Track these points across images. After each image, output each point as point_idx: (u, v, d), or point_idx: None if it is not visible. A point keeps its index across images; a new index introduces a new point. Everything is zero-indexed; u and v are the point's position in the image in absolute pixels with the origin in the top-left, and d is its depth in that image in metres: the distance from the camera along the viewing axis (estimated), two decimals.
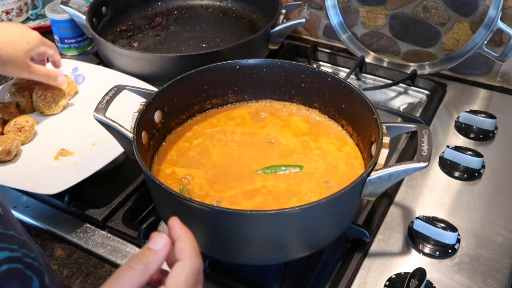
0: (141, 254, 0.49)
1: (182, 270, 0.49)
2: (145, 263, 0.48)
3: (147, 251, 0.49)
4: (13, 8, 1.33)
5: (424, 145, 0.68)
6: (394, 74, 1.14)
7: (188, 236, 0.52)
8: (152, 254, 0.49)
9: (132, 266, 0.47)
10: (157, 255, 0.49)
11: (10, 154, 0.89)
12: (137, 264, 0.48)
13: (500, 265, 0.75)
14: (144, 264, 0.48)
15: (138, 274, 0.47)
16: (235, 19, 1.31)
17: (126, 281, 0.46)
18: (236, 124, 0.87)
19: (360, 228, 0.76)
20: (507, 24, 1.01)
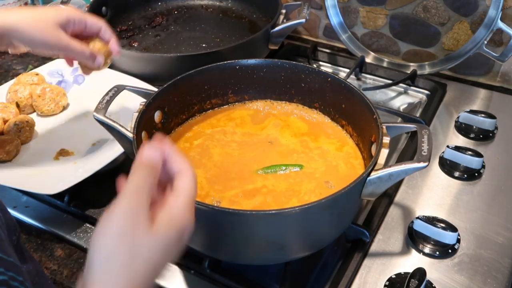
0: (140, 159, 0.48)
1: (191, 176, 0.48)
2: (150, 163, 0.48)
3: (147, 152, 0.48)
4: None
5: (424, 145, 0.68)
6: (394, 74, 1.14)
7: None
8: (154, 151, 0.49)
9: (140, 170, 0.47)
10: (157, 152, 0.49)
11: (10, 154, 0.89)
12: (144, 167, 0.47)
13: (500, 265, 0.75)
14: (149, 164, 0.48)
15: (148, 175, 0.47)
16: (235, 19, 1.31)
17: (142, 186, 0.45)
18: (236, 124, 0.87)
19: (360, 228, 0.76)
20: (507, 24, 1.01)
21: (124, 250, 0.42)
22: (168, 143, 0.51)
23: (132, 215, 0.43)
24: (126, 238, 0.42)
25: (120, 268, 0.41)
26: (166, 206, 0.46)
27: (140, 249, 0.42)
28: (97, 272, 0.41)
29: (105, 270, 0.41)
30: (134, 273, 0.42)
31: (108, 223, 0.42)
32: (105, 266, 0.41)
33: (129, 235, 0.42)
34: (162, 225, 0.44)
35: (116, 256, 0.41)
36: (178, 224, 0.45)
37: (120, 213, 0.43)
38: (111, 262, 0.41)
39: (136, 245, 0.42)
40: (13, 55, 1.27)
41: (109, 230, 0.42)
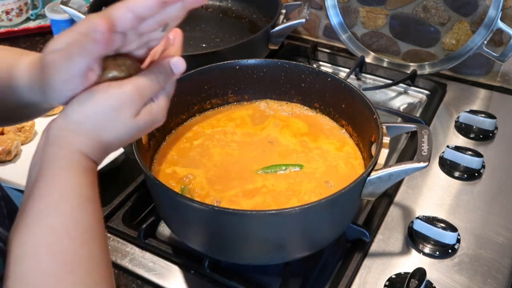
0: (163, 69, 0.51)
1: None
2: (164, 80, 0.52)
3: (169, 70, 0.52)
4: (13, 8, 1.33)
5: (424, 145, 0.68)
6: (394, 74, 1.14)
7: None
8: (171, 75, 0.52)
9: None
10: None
11: (10, 154, 0.89)
12: (160, 79, 0.51)
13: (500, 265, 0.75)
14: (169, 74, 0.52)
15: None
16: (235, 19, 1.31)
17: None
18: (236, 125, 0.87)
19: (360, 228, 0.76)
20: (507, 24, 1.01)
21: (104, 118, 0.48)
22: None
23: (130, 102, 0.48)
24: (112, 113, 0.47)
25: (95, 128, 0.48)
26: (149, 104, 0.50)
27: (117, 127, 0.48)
28: (73, 121, 0.47)
29: (83, 123, 0.47)
30: (103, 138, 0.49)
31: (108, 93, 0.47)
32: (86, 120, 0.47)
33: (115, 113, 0.48)
34: (142, 119, 0.49)
35: (96, 119, 0.47)
36: (154, 121, 0.51)
37: (123, 94, 0.47)
38: (91, 119, 0.47)
39: (116, 124, 0.48)
40: None
41: (103, 99, 0.47)
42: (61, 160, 0.47)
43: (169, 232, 0.81)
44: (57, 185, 0.46)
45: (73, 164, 0.47)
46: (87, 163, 0.48)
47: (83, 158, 0.48)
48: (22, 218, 0.45)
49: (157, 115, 0.51)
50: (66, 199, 0.46)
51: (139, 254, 0.78)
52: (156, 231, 0.82)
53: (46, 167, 0.47)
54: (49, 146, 0.48)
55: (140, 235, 0.77)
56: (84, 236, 0.45)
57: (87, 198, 0.47)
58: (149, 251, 0.78)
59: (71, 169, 0.47)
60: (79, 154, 0.48)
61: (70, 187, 0.46)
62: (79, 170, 0.47)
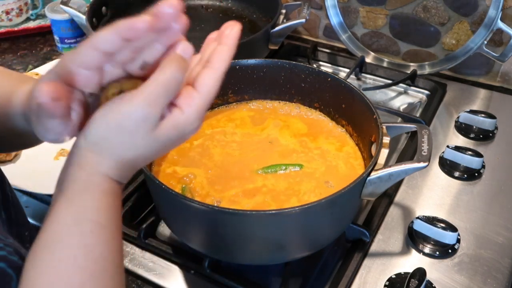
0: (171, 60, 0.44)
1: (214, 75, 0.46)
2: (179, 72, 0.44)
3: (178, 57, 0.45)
4: (13, 8, 1.33)
5: (424, 145, 0.69)
6: (394, 74, 1.14)
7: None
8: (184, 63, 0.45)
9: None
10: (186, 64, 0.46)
11: (10, 154, 0.89)
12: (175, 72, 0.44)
13: (500, 265, 0.75)
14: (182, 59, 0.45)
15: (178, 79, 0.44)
16: (235, 19, 1.30)
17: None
18: (236, 125, 0.87)
19: (360, 228, 0.76)
20: (507, 24, 1.01)
21: (121, 139, 0.44)
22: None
23: (144, 118, 0.43)
24: (128, 134, 0.44)
25: (114, 149, 0.45)
26: (175, 112, 0.45)
27: (136, 145, 0.44)
28: (91, 143, 0.44)
29: (100, 145, 0.44)
30: (124, 158, 0.45)
31: (120, 113, 0.43)
32: (103, 142, 0.44)
33: (131, 133, 0.44)
34: (163, 133, 0.45)
35: (112, 140, 0.44)
36: (183, 131, 0.46)
37: (134, 112, 0.43)
38: (108, 141, 0.44)
39: (134, 142, 0.44)
40: (13, 55, 1.27)
41: (115, 120, 0.43)
42: (79, 182, 0.45)
43: (169, 232, 0.81)
44: (71, 210, 0.44)
45: (91, 187, 0.45)
46: (107, 185, 0.45)
47: (104, 180, 0.45)
48: (36, 244, 0.44)
49: (186, 127, 0.45)
50: (77, 225, 0.43)
51: (139, 254, 0.78)
52: (156, 231, 0.82)
53: (65, 189, 0.45)
54: (71, 166, 0.46)
55: (140, 235, 0.77)
56: (95, 267, 0.43)
57: (101, 224, 0.44)
58: (149, 251, 0.78)
59: (89, 192, 0.45)
60: (99, 175, 0.45)
61: (83, 212, 0.44)
62: (96, 193, 0.45)
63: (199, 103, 0.45)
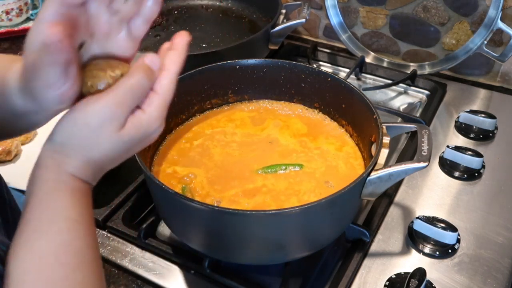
0: (139, 68, 0.47)
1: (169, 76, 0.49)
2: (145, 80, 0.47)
3: (145, 67, 0.47)
4: (13, 8, 1.33)
5: (424, 145, 0.69)
6: (394, 74, 1.14)
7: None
8: (151, 72, 0.48)
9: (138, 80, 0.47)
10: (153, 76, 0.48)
11: (10, 154, 0.89)
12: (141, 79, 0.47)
13: (500, 265, 0.75)
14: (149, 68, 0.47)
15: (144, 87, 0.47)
16: (235, 19, 1.31)
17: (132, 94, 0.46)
18: (236, 125, 0.87)
19: (360, 228, 0.76)
20: (507, 24, 1.01)
21: (87, 138, 0.46)
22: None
23: (111, 117, 0.45)
24: (94, 132, 0.45)
25: (79, 149, 0.46)
26: (137, 112, 0.47)
27: (102, 144, 0.46)
28: (57, 143, 0.46)
29: (66, 144, 0.46)
30: (89, 157, 0.47)
31: (87, 112, 0.45)
32: (69, 141, 0.46)
33: (97, 131, 0.46)
34: (128, 133, 0.47)
35: (78, 139, 0.46)
36: (147, 133, 0.48)
37: (101, 111, 0.45)
38: (74, 140, 0.46)
39: (100, 141, 0.46)
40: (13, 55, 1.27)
41: (82, 118, 0.45)
42: (48, 183, 0.46)
43: (169, 232, 0.81)
44: (45, 209, 0.45)
45: (60, 186, 0.46)
46: (75, 184, 0.47)
47: (71, 179, 0.46)
48: (13, 244, 0.44)
49: (149, 126, 0.48)
50: (53, 223, 0.44)
51: (139, 254, 0.78)
52: (156, 231, 0.82)
53: (34, 190, 0.46)
54: (38, 168, 0.47)
55: (140, 235, 0.77)
56: (75, 261, 0.44)
57: (76, 220, 0.46)
58: (149, 251, 0.78)
59: (59, 191, 0.46)
60: (66, 175, 0.46)
61: (57, 211, 0.45)
62: (67, 192, 0.46)
63: (158, 102, 0.48)
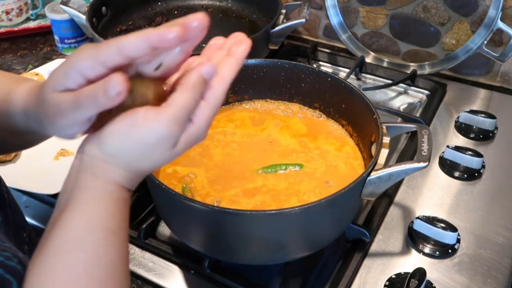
0: (194, 82, 0.45)
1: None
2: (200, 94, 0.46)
3: (201, 80, 0.46)
4: (13, 8, 1.33)
5: (424, 145, 0.69)
6: (394, 74, 1.14)
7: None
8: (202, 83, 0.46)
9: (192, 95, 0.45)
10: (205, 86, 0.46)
11: (10, 154, 0.89)
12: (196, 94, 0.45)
13: (500, 265, 0.75)
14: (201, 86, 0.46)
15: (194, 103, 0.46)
16: (235, 19, 1.31)
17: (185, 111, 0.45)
18: (236, 126, 0.87)
19: (360, 228, 0.76)
20: (507, 24, 1.01)
21: (141, 153, 0.45)
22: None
23: (167, 137, 0.44)
24: (148, 149, 0.45)
25: (131, 162, 0.46)
26: (189, 126, 0.46)
27: (154, 159, 0.46)
28: (108, 153, 0.45)
29: (118, 157, 0.45)
30: (139, 169, 0.47)
31: (143, 130, 0.44)
32: (121, 154, 0.45)
33: (152, 149, 0.45)
34: (180, 149, 0.46)
35: (132, 154, 0.45)
36: (195, 141, 0.47)
37: (158, 130, 0.44)
38: (127, 154, 0.45)
39: (152, 157, 0.46)
40: (13, 55, 1.27)
41: (138, 135, 0.44)
42: (94, 190, 0.45)
43: (169, 232, 0.81)
44: (85, 218, 0.44)
45: (106, 195, 0.46)
46: (120, 193, 0.47)
47: (117, 188, 0.46)
48: (43, 249, 0.43)
49: (198, 137, 0.47)
50: (91, 234, 0.44)
51: (139, 254, 0.78)
52: (156, 231, 0.82)
53: (77, 194, 0.45)
54: (83, 173, 0.46)
55: (140, 235, 0.77)
56: (104, 274, 0.43)
57: (113, 231, 0.45)
58: (149, 251, 0.78)
59: (102, 199, 0.45)
60: (113, 184, 0.46)
61: (97, 220, 0.44)
62: (110, 201, 0.46)
63: (207, 114, 0.46)
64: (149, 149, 0.45)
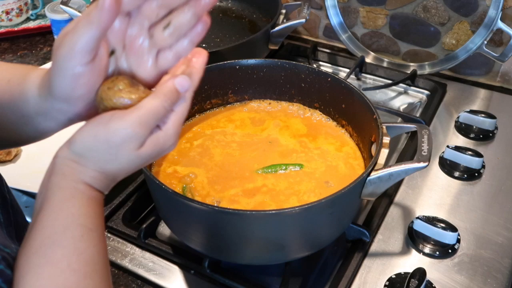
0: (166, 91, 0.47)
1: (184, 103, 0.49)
2: (170, 103, 0.47)
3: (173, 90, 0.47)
4: (13, 8, 1.33)
5: (424, 145, 0.69)
6: (394, 74, 1.14)
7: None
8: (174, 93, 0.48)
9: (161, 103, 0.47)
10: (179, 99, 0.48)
11: (10, 154, 0.89)
12: (165, 102, 0.47)
13: (500, 265, 0.75)
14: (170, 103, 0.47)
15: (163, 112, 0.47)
16: (235, 19, 1.31)
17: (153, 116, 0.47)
18: (236, 126, 0.87)
19: (360, 228, 0.76)
20: (507, 24, 1.01)
21: (106, 153, 0.47)
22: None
23: (132, 137, 0.46)
24: (113, 148, 0.46)
25: (97, 161, 0.47)
26: (156, 130, 0.48)
27: (120, 160, 0.47)
28: (76, 153, 0.47)
29: (85, 156, 0.47)
30: (106, 170, 0.48)
31: (109, 129, 0.46)
32: (88, 154, 0.47)
33: (117, 148, 0.46)
34: (146, 151, 0.48)
35: (98, 153, 0.47)
36: (162, 150, 0.49)
37: (123, 130, 0.46)
38: (93, 153, 0.47)
39: (118, 157, 0.47)
40: (13, 55, 1.27)
41: (104, 134, 0.46)
42: (65, 190, 0.47)
43: (169, 232, 0.81)
44: (60, 216, 0.45)
45: (77, 194, 0.47)
46: (91, 193, 0.48)
47: (87, 188, 0.48)
48: (26, 249, 0.44)
49: (165, 143, 0.49)
50: (68, 230, 0.45)
51: (139, 254, 0.78)
52: (156, 231, 0.82)
53: (50, 196, 0.46)
54: (54, 175, 0.47)
55: (140, 235, 0.77)
56: (87, 268, 0.45)
57: (90, 228, 0.46)
58: (149, 251, 0.78)
59: (75, 199, 0.46)
60: (83, 184, 0.47)
61: (72, 218, 0.46)
62: (83, 200, 0.47)
63: (174, 119, 0.48)
64: (114, 148, 0.46)
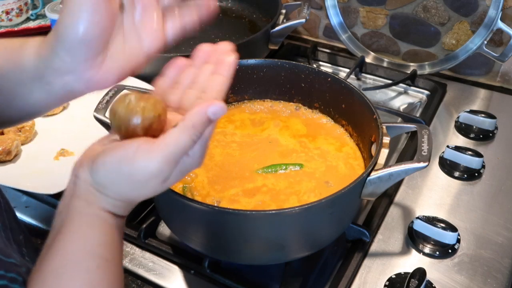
0: (197, 122, 0.44)
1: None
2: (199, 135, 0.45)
3: (205, 121, 0.45)
4: (13, 8, 1.33)
5: (424, 145, 0.68)
6: (394, 74, 1.14)
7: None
8: (206, 123, 0.45)
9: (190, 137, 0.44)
10: (208, 124, 0.45)
11: (10, 154, 0.89)
12: (195, 136, 0.44)
13: (500, 265, 0.75)
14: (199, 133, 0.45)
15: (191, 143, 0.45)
16: (235, 19, 1.31)
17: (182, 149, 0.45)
18: (236, 127, 0.87)
19: (360, 228, 0.76)
20: (507, 24, 1.01)
21: (131, 188, 0.46)
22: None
23: (158, 175, 0.44)
24: (138, 183, 0.45)
25: (122, 193, 0.46)
26: (183, 158, 0.46)
27: (144, 192, 0.47)
28: (99, 184, 0.46)
29: (109, 188, 0.46)
30: (130, 199, 0.48)
31: (134, 166, 0.44)
32: (111, 186, 0.46)
33: (142, 184, 0.45)
34: (172, 182, 0.46)
35: (122, 187, 0.46)
36: (188, 170, 0.48)
37: (149, 169, 0.44)
38: (117, 186, 0.46)
39: (142, 190, 0.46)
40: None
41: (128, 171, 0.44)
42: (87, 216, 0.46)
43: (169, 232, 0.81)
44: (79, 242, 0.45)
45: (98, 222, 0.46)
46: (113, 220, 0.47)
47: (109, 216, 0.47)
48: (40, 271, 0.44)
49: (191, 167, 0.47)
50: (85, 261, 0.44)
51: (139, 254, 0.78)
52: (156, 231, 0.82)
53: (71, 219, 0.46)
54: (76, 198, 0.46)
55: (140, 235, 0.77)
56: None
57: (106, 259, 0.45)
58: (149, 251, 0.78)
59: (96, 227, 0.46)
60: (105, 212, 0.47)
61: (90, 246, 0.45)
62: (105, 228, 0.46)
63: (202, 143, 0.46)
64: (139, 185, 0.45)
